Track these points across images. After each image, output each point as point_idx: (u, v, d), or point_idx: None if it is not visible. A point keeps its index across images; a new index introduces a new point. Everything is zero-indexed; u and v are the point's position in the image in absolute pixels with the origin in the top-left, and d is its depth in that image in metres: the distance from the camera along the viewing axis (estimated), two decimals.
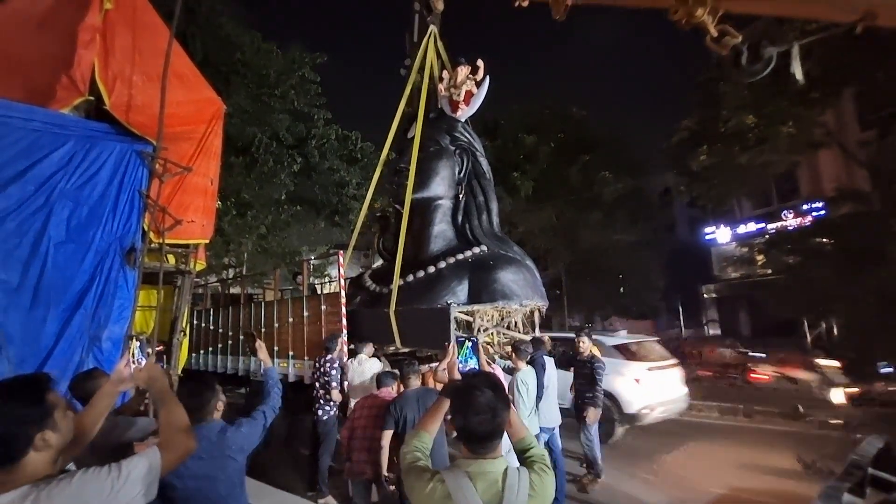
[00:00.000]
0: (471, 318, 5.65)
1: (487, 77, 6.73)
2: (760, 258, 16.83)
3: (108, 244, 4.42)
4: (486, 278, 5.69)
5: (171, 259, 5.64)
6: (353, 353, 5.44)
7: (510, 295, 5.66)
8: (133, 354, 1.88)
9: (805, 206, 16.14)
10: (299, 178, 14.02)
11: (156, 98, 4.85)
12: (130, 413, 2.77)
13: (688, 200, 22.31)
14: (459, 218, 6.60)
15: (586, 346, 5.38)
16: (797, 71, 2.93)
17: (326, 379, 5.03)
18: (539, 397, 4.53)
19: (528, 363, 4.61)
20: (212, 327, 8.61)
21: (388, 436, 3.49)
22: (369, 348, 5.39)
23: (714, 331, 22.45)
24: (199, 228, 5.61)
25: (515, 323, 6.08)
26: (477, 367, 2.02)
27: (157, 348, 5.13)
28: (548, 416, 4.72)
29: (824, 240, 12.35)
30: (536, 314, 6.22)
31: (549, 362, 4.94)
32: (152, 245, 4.87)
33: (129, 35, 4.93)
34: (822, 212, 14.91)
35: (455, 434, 3.27)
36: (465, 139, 6.82)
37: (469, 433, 1.48)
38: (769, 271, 15.68)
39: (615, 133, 17.76)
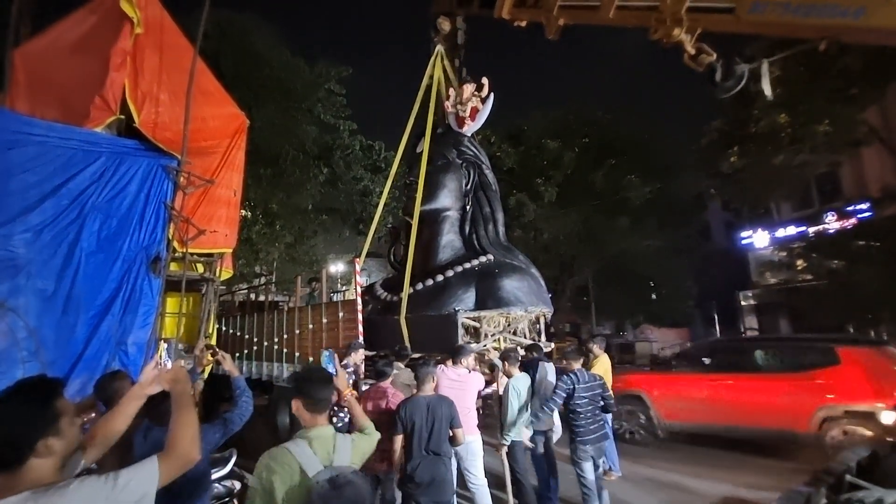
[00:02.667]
0: (478, 324, 5.77)
1: (492, 94, 6.97)
2: (801, 263, 16.05)
3: (135, 254, 4.68)
4: (492, 286, 5.84)
5: (200, 267, 5.90)
6: (373, 362, 5.47)
7: (515, 302, 5.80)
8: (160, 357, 1.95)
9: (849, 208, 15.26)
10: (325, 188, 14.37)
11: (181, 115, 5.12)
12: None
13: (721, 204, 21.54)
14: (467, 228, 6.81)
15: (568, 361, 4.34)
16: (766, 88, 2.98)
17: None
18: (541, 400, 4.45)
19: (522, 369, 4.55)
20: (238, 333, 8.89)
21: (398, 440, 3.52)
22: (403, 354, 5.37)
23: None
24: (222, 238, 5.85)
25: (522, 329, 6.17)
26: (335, 372, 2.36)
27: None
28: (544, 419, 4.59)
29: (870, 243, 11.69)
30: (542, 320, 6.32)
31: (549, 368, 4.84)
32: (176, 254, 5.11)
33: (157, 56, 5.24)
34: (868, 213, 14.07)
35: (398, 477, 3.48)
36: (472, 153, 7.09)
37: (316, 402, 1.90)
38: (810, 277, 14.91)
39: (642, 136, 17.34)
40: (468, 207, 6.87)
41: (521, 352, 5.22)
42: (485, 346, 5.70)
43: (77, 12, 5.38)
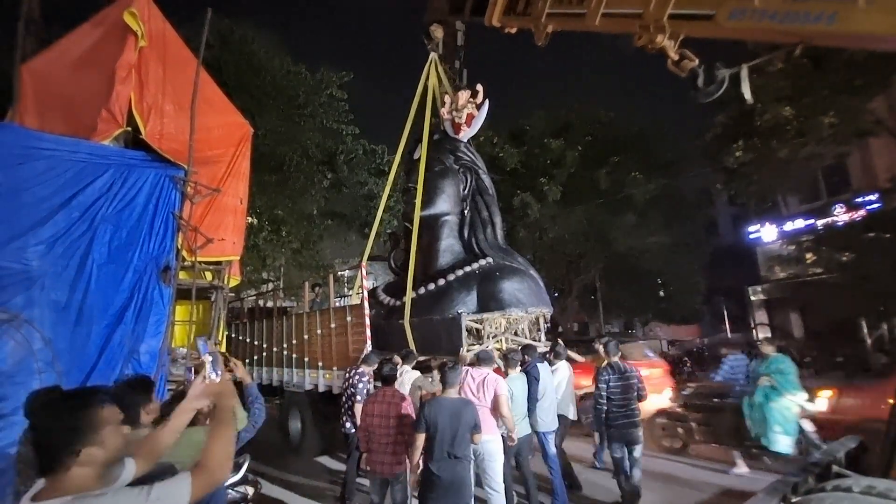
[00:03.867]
0: (480, 326, 5.91)
1: (487, 100, 7.12)
2: (810, 256, 15.90)
3: (146, 263, 4.74)
4: (492, 288, 5.98)
5: (209, 275, 5.96)
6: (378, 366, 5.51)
7: (516, 303, 5.94)
8: (207, 369, 1.88)
9: (858, 200, 15.10)
10: (330, 193, 14.45)
11: (187, 125, 5.19)
12: None
13: (728, 198, 21.36)
14: (466, 232, 6.94)
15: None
16: (746, 92, 3.14)
17: (352, 391, 5.10)
18: (531, 402, 4.75)
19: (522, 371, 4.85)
20: (248, 340, 8.97)
21: (421, 438, 3.52)
22: (410, 358, 5.44)
23: (764, 334, 21.26)
24: (229, 246, 5.91)
25: (522, 329, 6.33)
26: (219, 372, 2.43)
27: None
28: (545, 420, 4.87)
29: (880, 234, 11.56)
30: (542, 320, 6.47)
31: (544, 369, 5.07)
32: (185, 263, 5.16)
33: (161, 68, 5.30)
34: (877, 204, 13.91)
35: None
36: (468, 158, 7.23)
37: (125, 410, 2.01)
38: (820, 270, 14.77)
39: (645, 132, 17.25)
40: (466, 212, 7.00)
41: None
42: (487, 347, 5.80)
43: (82, 27, 5.47)
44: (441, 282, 6.31)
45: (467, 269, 6.34)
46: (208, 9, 5.71)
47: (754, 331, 22.19)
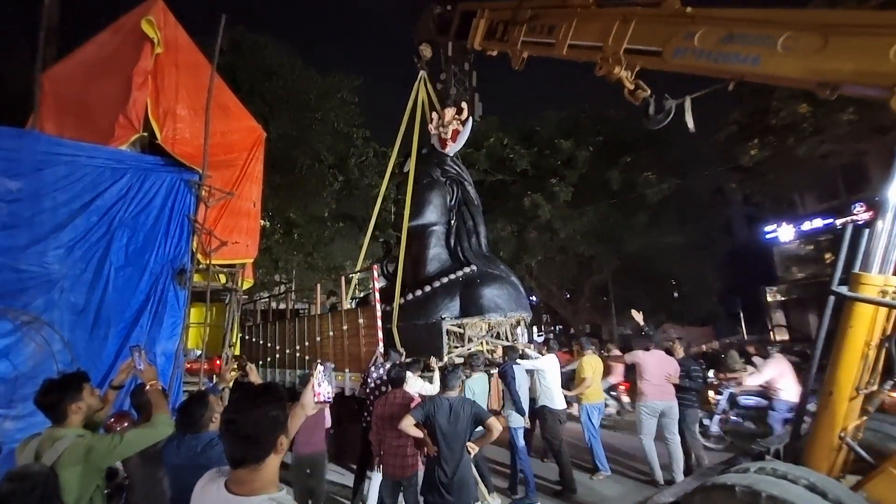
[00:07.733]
0: (461, 330, 6.24)
1: (471, 117, 7.42)
2: (829, 256, 15.58)
3: (162, 266, 4.81)
4: (473, 294, 6.36)
5: (223, 278, 6.02)
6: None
7: (495, 308, 6.32)
8: (317, 378, 1.84)
9: (878, 198, 14.74)
10: (341, 196, 14.53)
11: (201, 130, 5.26)
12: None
13: (742, 198, 21.05)
14: (452, 241, 7.30)
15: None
16: (689, 121, 3.53)
17: (385, 389, 5.08)
18: (516, 401, 5.10)
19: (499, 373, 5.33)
20: (261, 342, 9.05)
21: (410, 420, 3.48)
22: (416, 366, 5.44)
23: (781, 336, 20.86)
24: (243, 248, 5.97)
25: (502, 333, 6.67)
26: (142, 367, 2.59)
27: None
28: (515, 417, 5.21)
29: None
30: (521, 324, 6.83)
31: (518, 369, 5.30)
32: (200, 266, 5.23)
33: (176, 74, 5.38)
34: None
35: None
36: (454, 171, 7.63)
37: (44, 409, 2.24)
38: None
39: (657, 131, 17.00)
40: (453, 222, 7.38)
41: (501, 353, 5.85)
42: (469, 349, 6.13)
43: (100, 35, 5.57)
44: (427, 288, 6.65)
45: (452, 276, 6.68)
46: (222, 15, 5.79)
47: (771, 332, 21.81)
